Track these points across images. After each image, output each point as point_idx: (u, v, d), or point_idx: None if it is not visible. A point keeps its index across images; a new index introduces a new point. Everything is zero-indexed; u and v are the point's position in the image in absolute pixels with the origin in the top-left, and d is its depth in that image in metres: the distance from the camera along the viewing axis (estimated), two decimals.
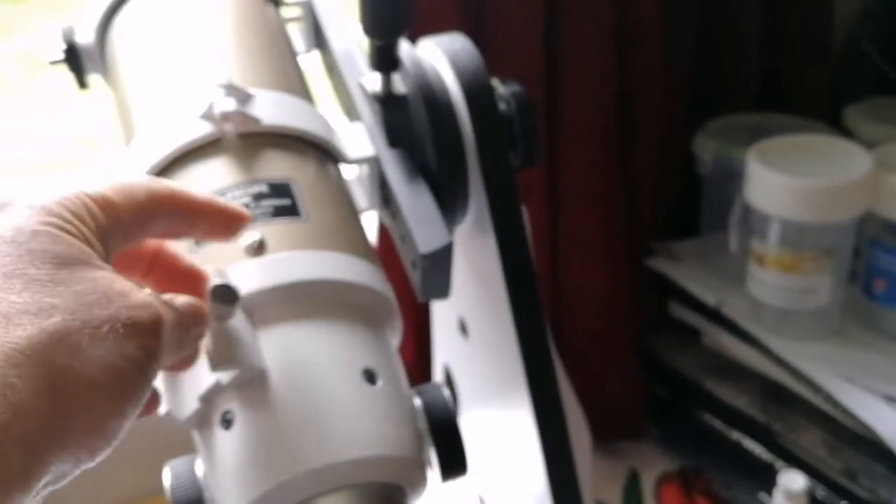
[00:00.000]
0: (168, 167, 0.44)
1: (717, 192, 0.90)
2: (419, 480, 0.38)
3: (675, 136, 0.92)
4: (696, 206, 0.96)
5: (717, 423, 0.89)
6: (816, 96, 0.95)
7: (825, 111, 0.93)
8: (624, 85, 0.82)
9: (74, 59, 0.55)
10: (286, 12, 0.58)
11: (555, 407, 0.57)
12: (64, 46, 0.55)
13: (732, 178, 0.82)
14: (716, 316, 0.88)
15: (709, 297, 0.87)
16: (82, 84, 0.56)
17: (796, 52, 0.93)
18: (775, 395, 0.84)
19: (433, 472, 0.41)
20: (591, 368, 0.91)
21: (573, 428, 0.65)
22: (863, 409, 0.73)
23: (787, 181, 0.73)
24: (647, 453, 0.96)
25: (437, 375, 0.71)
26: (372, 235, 0.81)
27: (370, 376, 0.37)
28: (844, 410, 0.76)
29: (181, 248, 0.39)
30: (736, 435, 0.87)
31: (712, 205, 0.92)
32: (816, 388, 0.78)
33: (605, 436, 0.95)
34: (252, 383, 0.35)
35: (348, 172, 0.51)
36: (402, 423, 0.37)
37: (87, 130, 1.52)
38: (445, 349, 0.69)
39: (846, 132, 0.87)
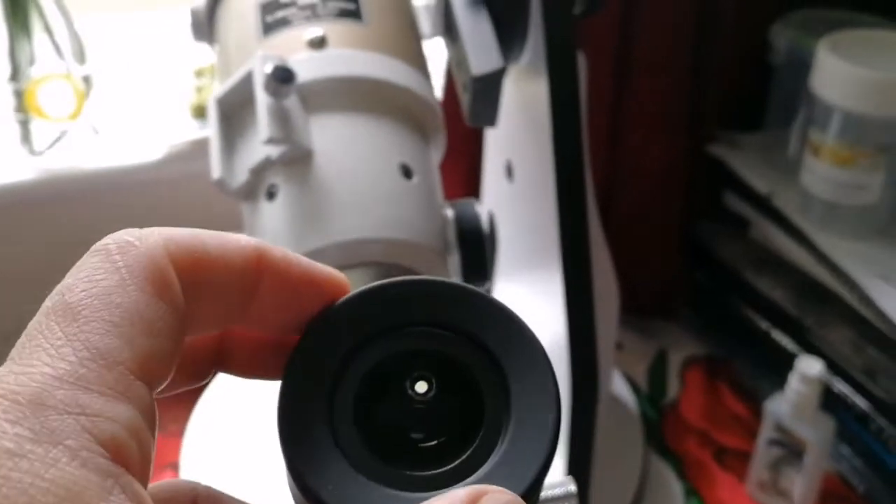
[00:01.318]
0: None
1: (787, 84, 0.89)
2: (441, 274, 0.41)
3: (754, 22, 0.91)
4: (766, 99, 0.95)
5: (750, 313, 0.91)
6: None
7: None
8: None
9: None
10: None
11: (583, 263, 0.59)
12: None
13: (805, 70, 0.82)
14: (766, 208, 0.89)
15: (762, 186, 0.88)
16: None
17: None
18: (811, 291, 0.85)
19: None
20: (635, 244, 0.93)
21: (602, 290, 0.67)
22: (893, 308, 0.74)
23: (852, 71, 0.72)
24: (679, 336, 0.99)
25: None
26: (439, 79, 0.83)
27: (406, 171, 0.40)
28: (876, 310, 0.77)
29: (251, 41, 0.42)
30: (766, 325, 0.89)
31: (782, 97, 0.91)
32: (852, 286, 0.79)
33: (640, 312, 0.98)
34: (298, 161, 0.39)
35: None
36: (430, 217, 0.40)
37: None
38: (492, 195, 0.72)
39: None
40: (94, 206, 0.93)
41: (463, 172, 0.87)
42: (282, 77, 0.38)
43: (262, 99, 0.38)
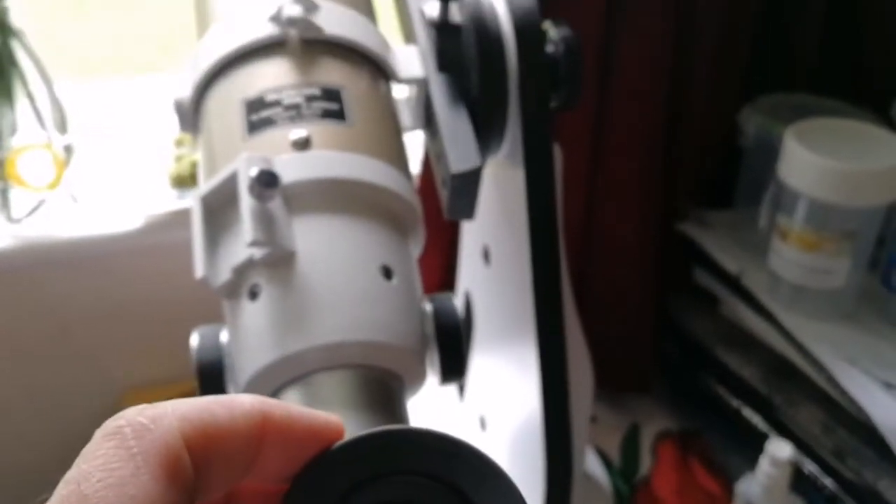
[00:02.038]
0: (233, 62, 0.48)
1: (756, 166, 0.91)
2: (418, 374, 0.42)
3: (724, 106, 0.93)
4: (735, 178, 0.98)
5: (721, 390, 0.92)
6: (870, 84, 0.95)
7: (880, 101, 0.93)
8: (679, 48, 0.84)
9: None
10: None
11: (558, 340, 0.60)
12: None
13: (772, 153, 0.84)
14: (736, 286, 0.91)
15: (731, 265, 0.90)
16: None
17: (860, 37, 0.94)
18: (781, 369, 0.87)
19: (433, 375, 0.45)
20: (608, 319, 0.94)
21: (576, 366, 0.68)
22: (860, 391, 0.76)
23: (817, 160, 0.75)
24: (651, 409, 1.00)
25: (458, 300, 0.75)
26: (417, 164, 0.85)
27: (387, 272, 0.41)
28: (843, 392, 0.78)
29: (235, 139, 0.43)
30: (737, 403, 0.90)
31: (750, 179, 0.94)
32: (820, 367, 0.81)
33: (613, 386, 0.99)
34: (280, 262, 0.40)
35: (398, 91, 0.55)
36: (409, 318, 0.41)
37: (170, 36, 1.56)
38: (468, 276, 0.73)
39: (893, 124, 0.88)
40: (72, 274, 0.93)
41: (440, 251, 0.88)
42: (266, 181, 0.39)
43: (246, 202, 0.39)
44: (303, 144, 0.43)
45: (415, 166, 0.76)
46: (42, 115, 0.91)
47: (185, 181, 0.98)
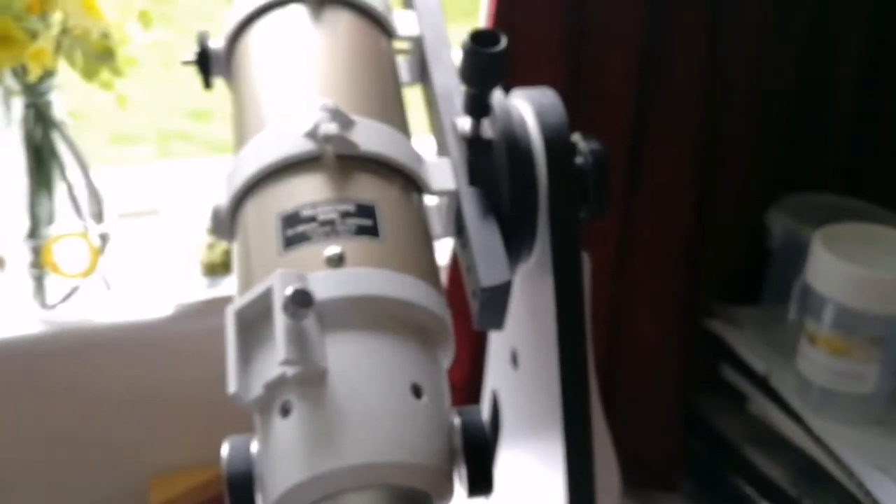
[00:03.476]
0: (269, 175, 0.49)
1: (783, 267, 0.92)
2: (446, 491, 0.42)
3: (751, 205, 0.94)
4: (762, 276, 0.98)
5: (749, 490, 0.91)
6: None
7: None
8: (708, 148, 0.85)
9: (204, 61, 0.60)
10: (397, 44, 0.63)
11: (585, 444, 0.60)
12: (197, 49, 0.61)
13: (800, 254, 0.84)
14: (764, 385, 0.90)
15: (758, 365, 0.89)
16: (207, 84, 0.62)
17: (886, 141, 0.94)
18: (810, 472, 0.86)
19: (460, 487, 0.45)
20: (635, 417, 0.94)
21: (603, 468, 0.68)
22: (892, 501, 0.75)
23: (845, 267, 0.75)
24: None
25: (485, 400, 0.75)
26: (445, 261, 0.86)
27: (417, 391, 0.41)
28: (874, 500, 0.77)
29: (271, 253, 0.45)
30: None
31: (777, 278, 0.94)
32: (850, 473, 0.79)
33: (640, 483, 0.98)
34: (312, 380, 0.40)
35: (430, 200, 0.56)
36: (439, 438, 0.41)
37: (201, 103, 1.59)
38: (496, 376, 0.73)
39: None
40: (102, 360, 0.94)
41: (468, 348, 0.88)
42: (301, 301, 0.40)
43: (280, 320, 0.40)
44: (337, 261, 0.44)
45: (443, 263, 0.77)
46: (79, 204, 0.93)
47: (216, 269, 0.99)
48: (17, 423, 0.95)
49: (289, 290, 0.40)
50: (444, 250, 0.77)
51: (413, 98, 0.61)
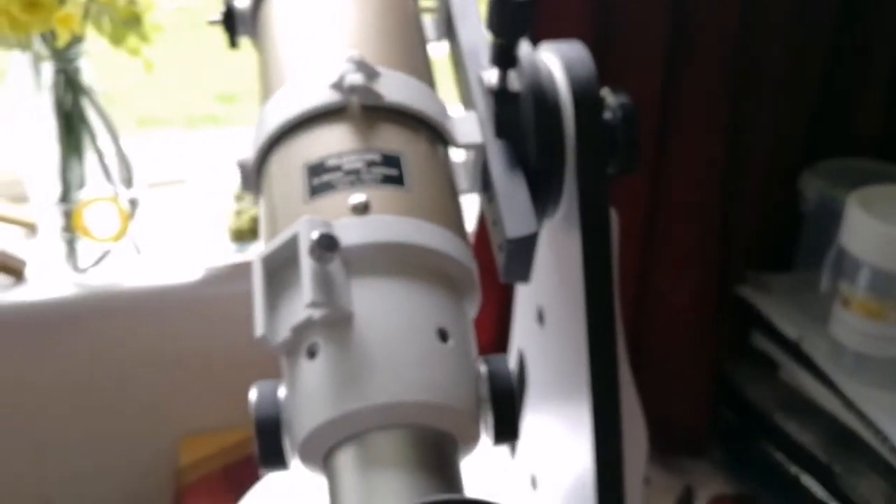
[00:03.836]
0: (295, 127, 0.49)
1: (816, 232, 0.90)
2: (472, 435, 0.42)
3: (785, 170, 0.93)
4: (794, 241, 0.97)
5: (779, 456, 0.90)
6: None
7: None
8: (740, 113, 0.84)
9: (230, 20, 0.60)
10: (423, 2, 0.62)
11: (612, 403, 0.60)
12: (223, 9, 0.61)
13: (834, 219, 0.83)
14: (795, 352, 0.89)
15: (790, 331, 0.88)
16: (233, 44, 0.62)
17: None
18: (842, 437, 0.85)
19: (486, 436, 0.45)
20: (664, 382, 0.93)
21: (630, 430, 0.68)
22: None
23: (881, 228, 0.74)
24: (706, 473, 0.98)
25: (512, 359, 0.75)
26: (472, 221, 0.85)
27: (443, 335, 0.41)
28: None
29: (297, 202, 0.45)
30: (795, 470, 0.88)
31: (810, 243, 0.93)
32: (884, 438, 0.79)
33: (668, 449, 0.97)
34: (338, 323, 0.40)
35: (456, 155, 0.56)
36: (464, 380, 0.41)
37: (229, 87, 1.60)
38: (522, 335, 0.73)
39: None
40: (133, 323, 0.95)
41: (494, 306, 0.88)
42: (326, 244, 0.40)
43: (306, 264, 0.40)
44: (362, 209, 0.43)
45: (470, 224, 0.77)
46: (109, 170, 0.94)
47: (244, 235, 1.00)
48: (48, 386, 0.97)
49: (314, 235, 0.40)
50: (470, 213, 0.77)
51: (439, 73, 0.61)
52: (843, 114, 0.96)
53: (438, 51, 0.62)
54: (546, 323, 0.65)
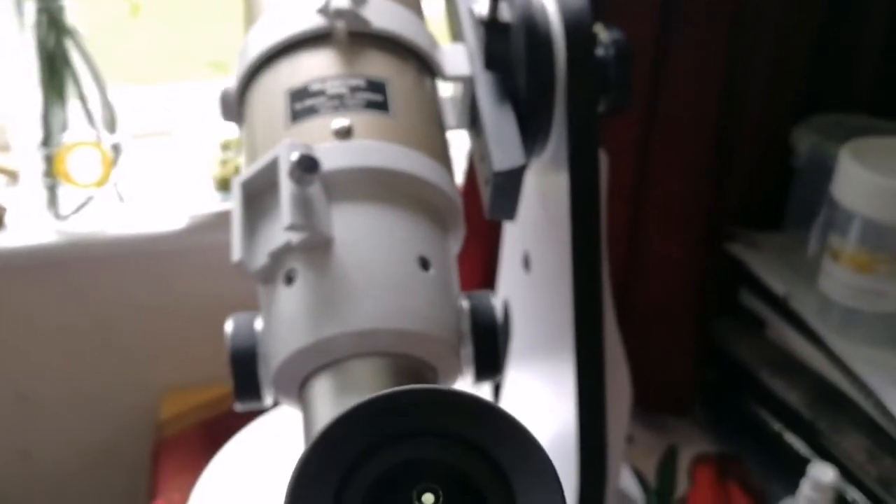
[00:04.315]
0: (279, 53, 0.48)
1: (808, 187, 0.89)
2: (452, 366, 0.41)
3: (777, 124, 0.92)
4: (785, 201, 0.96)
5: (764, 414, 0.90)
6: None
7: None
8: (733, 61, 0.83)
9: None
10: None
11: (596, 354, 0.59)
12: None
13: (826, 174, 0.82)
14: (783, 310, 0.89)
15: (778, 287, 0.87)
16: None
17: None
18: (827, 395, 0.84)
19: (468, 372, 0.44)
20: (650, 339, 0.93)
21: (614, 382, 0.67)
22: None
23: (873, 179, 0.73)
24: (690, 432, 0.97)
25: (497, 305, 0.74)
26: (461, 168, 0.84)
27: (424, 263, 0.40)
28: (891, 419, 0.76)
29: (278, 126, 0.43)
30: (778, 427, 0.88)
31: (801, 200, 0.92)
32: (868, 393, 0.78)
33: (652, 408, 0.97)
34: (317, 248, 0.39)
35: (444, 90, 0.54)
36: (445, 310, 0.40)
37: (221, 55, 1.57)
38: (508, 283, 0.72)
39: None
40: (115, 272, 0.94)
41: (480, 260, 0.87)
42: (307, 166, 0.39)
43: (286, 186, 0.39)
44: (345, 133, 0.42)
45: (459, 171, 0.75)
46: (92, 115, 0.92)
47: (229, 184, 0.98)
48: (31, 334, 0.95)
49: (294, 156, 0.39)
50: (459, 161, 0.76)
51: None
52: (838, 69, 0.95)
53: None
54: (532, 268, 0.64)
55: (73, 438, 1.01)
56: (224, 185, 0.98)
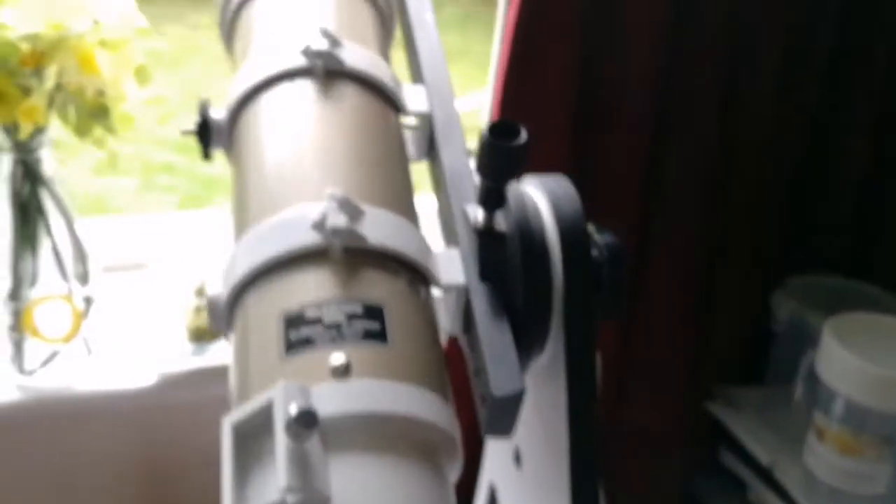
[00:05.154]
0: (272, 269, 0.46)
1: (787, 350, 0.89)
2: None
3: (755, 288, 0.92)
4: (763, 358, 0.95)
5: None
6: None
7: None
8: (713, 235, 0.84)
9: (205, 132, 0.57)
10: (405, 119, 0.60)
11: None
12: (198, 118, 0.57)
13: (805, 337, 0.82)
14: (766, 475, 0.87)
15: (762, 455, 0.86)
16: (206, 155, 0.59)
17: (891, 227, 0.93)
18: None
19: None
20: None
21: None
22: None
23: (856, 362, 0.73)
24: None
25: (482, 489, 0.72)
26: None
27: None
28: None
29: (272, 358, 0.42)
30: None
31: (781, 361, 0.91)
32: None
33: None
34: None
35: (438, 292, 0.53)
36: None
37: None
38: (495, 470, 0.70)
39: None
40: (82, 430, 0.90)
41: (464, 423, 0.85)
42: (305, 422, 0.37)
43: (282, 442, 0.37)
44: (343, 372, 0.41)
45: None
46: (64, 265, 0.90)
47: (203, 335, 0.96)
48: None
49: (293, 410, 0.37)
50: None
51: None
52: (814, 228, 0.96)
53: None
54: (524, 466, 0.62)
55: None
56: (198, 335, 0.96)
